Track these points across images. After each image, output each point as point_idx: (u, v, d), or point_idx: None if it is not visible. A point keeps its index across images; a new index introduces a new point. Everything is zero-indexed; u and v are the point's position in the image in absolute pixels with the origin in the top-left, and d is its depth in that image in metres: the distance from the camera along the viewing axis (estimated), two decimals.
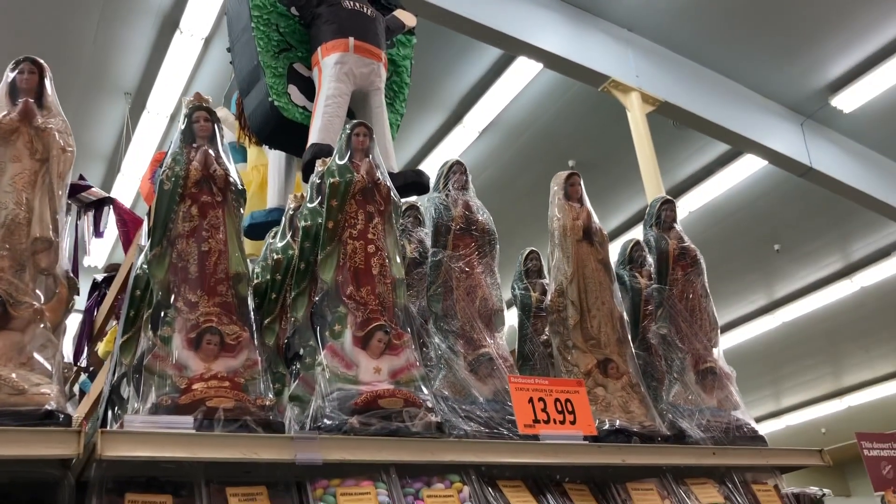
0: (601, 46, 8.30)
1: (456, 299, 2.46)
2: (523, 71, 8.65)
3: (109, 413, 2.27)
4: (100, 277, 3.84)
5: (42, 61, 2.02)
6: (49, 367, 1.70)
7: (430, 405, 2.03)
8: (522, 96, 9.02)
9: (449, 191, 2.67)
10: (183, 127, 2.20)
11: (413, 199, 3.12)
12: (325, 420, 1.89)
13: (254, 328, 2.02)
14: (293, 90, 3.88)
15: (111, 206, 3.89)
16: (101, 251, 8.27)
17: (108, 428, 1.92)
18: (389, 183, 2.38)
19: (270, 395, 1.91)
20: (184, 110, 2.25)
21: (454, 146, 9.71)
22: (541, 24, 7.88)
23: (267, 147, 4.15)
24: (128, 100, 8.87)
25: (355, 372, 2.02)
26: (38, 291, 1.79)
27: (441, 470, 1.95)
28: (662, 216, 3.02)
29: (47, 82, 2.01)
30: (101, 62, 8.49)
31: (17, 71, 1.98)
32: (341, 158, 2.35)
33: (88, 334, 3.72)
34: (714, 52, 8.90)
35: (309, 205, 2.39)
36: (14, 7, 7.61)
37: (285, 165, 4.17)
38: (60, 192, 1.94)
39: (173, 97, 8.59)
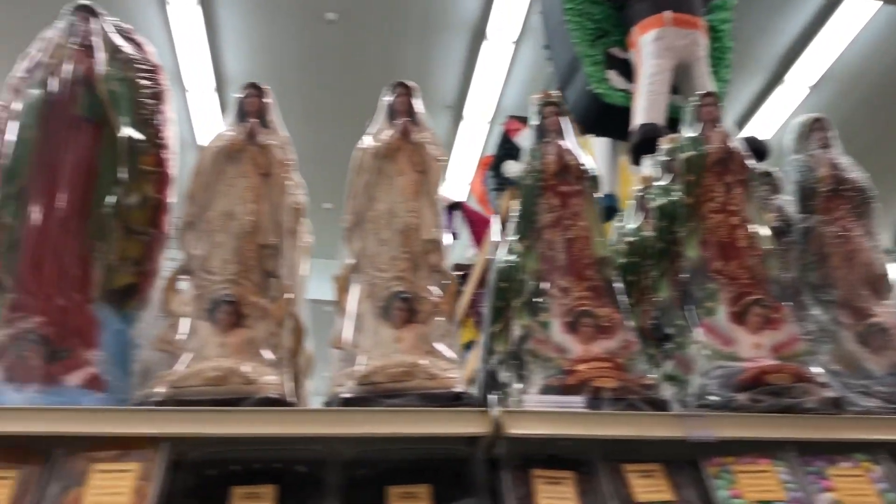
0: None
1: (833, 267, 2.27)
2: (854, 13, 7.75)
3: (489, 397, 2.45)
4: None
5: (411, 84, 2.25)
6: (451, 354, 1.89)
7: (822, 380, 1.90)
8: (857, 42, 8.08)
9: (811, 150, 2.48)
10: (536, 123, 2.31)
11: (764, 165, 2.95)
12: (711, 397, 1.86)
13: (625, 310, 2.05)
14: (612, 75, 3.89)
15: (461, 209, 4.20)
16: None
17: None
18: (744, 150, 2.28)
19: (653, 374, 1.93)
20: (533, 107, 2.36)
21: (778, 107, 9.01)
22: None
23: (590, 135, 4.19)
24: (448, 112, 9.54)
25: (735, 348, 1.96)
26: (432, 287, 1.99)
27: (843, 448, 1.82)
28: None
29: (417, 102, 2.24)
30: (421, 80, 9.23)
31: (394, 95, 2.22)
32: (691, 131, 2.30)
33: None
34: None
35: (659, 183, 2.37)
36: (345, 47, 8.56)
37: (610, 151, 4.20)
38: (437, 198, 2.14)
39: (490, 103, 9.06)
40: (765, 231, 2.15)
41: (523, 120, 5.23)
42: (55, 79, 2.02)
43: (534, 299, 2.09)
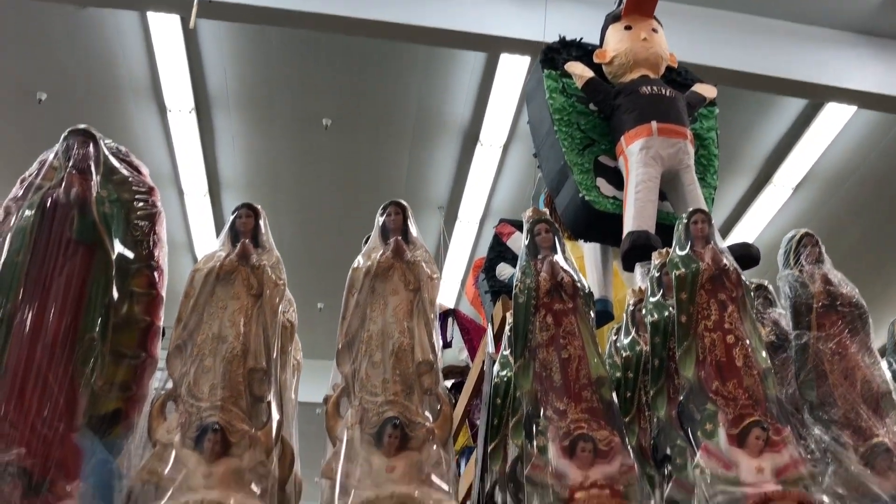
0: None
1: (832, 384, 2.24)
2: (834, 117, 7.98)
3: None
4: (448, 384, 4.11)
5: (403, 203, 2.26)
6: (444, 483, 1.83)
7: None
8: (837, 143, 8.28)
9: (802, 265, 2.49)
10: (527, 241, 2.32)
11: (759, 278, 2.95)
12: None
13: (623, 432, 2.00)
14: (602, 182, 3.92)
15: (454, 317, 4.18)
16: None
17: None
18: (737, 266, 2.28)
19: (652, 502, 1.87)
20: (525, 225, 2.37)
21: (766, 208, 9.14)
22: (846, 64, 7.25)
23: (581, 240, 4.21)
24: (441, 213, 9.64)
25: (736, 472, 1.90)
26: (426, 412, 1.94)
27: None
28: None
29: (409, 221, 2.25)
30: (415, 183, 9.37)
31: (385, 215, 2.24)
32: (682, 249, 2.31)
33: None
34: None
35: (652, 299, 2.36)
36: (340, 151, 8.73)
37: (601, 256, 4.20)
38: (432, 316, 2.12)
39: (480, 205, 9.19)
40: (762, 348, 2.12)
41: (515, 224, 5.27)
42: (49, 201, 2.02)
43: (532, 422, 2.04)
